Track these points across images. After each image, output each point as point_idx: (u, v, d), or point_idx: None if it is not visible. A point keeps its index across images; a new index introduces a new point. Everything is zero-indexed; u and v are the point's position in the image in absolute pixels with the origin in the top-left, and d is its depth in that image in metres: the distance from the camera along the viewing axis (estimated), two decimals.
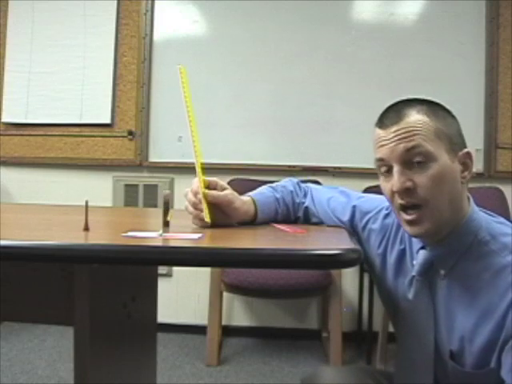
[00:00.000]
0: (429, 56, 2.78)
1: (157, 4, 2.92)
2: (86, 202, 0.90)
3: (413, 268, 0.97)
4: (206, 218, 0.94)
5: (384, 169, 0.92)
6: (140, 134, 2.91)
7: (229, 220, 0.99)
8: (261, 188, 1.12)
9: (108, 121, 2.92)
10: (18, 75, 2.96)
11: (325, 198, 1.13)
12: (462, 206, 0.92)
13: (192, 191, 0.98)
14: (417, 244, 0.98)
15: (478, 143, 2.75)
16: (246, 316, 2.92)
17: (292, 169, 2.83)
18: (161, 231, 0.84)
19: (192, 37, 2.92)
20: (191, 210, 0.97)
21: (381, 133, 0.92)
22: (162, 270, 2.77)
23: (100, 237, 0.89)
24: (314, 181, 2.42)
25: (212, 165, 2.51)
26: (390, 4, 2.84)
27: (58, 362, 2.39)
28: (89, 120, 2.93)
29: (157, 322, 1.33)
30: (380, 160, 0.92)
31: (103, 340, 0.88)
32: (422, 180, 0.88)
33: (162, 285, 1.41)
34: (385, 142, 0.90)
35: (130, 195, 2.95)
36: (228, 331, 2.81)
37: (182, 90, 0.94)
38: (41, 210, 1.35)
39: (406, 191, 0.88)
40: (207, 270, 2.48)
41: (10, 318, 1.01)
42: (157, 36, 2.92)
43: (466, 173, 0.92)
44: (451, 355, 0.91)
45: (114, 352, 0.96)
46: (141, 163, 2.92)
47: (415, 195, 0.88)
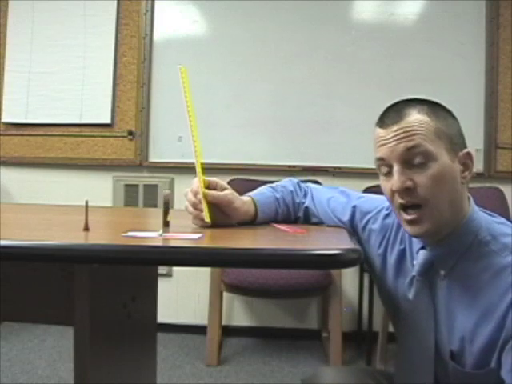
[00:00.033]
0: (429, 56, 2.78)
1: (157, 4, 2.92)
2: (86, 202, 0.90)
3: (413, 268, 0.97)
4: (206, 218, 0.94)
5: (384, 168, 0.92)
6: (140, 134, 2.91)
7: (229, 220, 0.99)
8: (261, 188, 1.12)
9: (108, 121, 2.92)
10: (18, 75, 2.96)
11: (325, 198, 1.13)
12: (462, 206, 0.92)
13: (192, 191, 0.98)
14: (417, 244, 0.98)
15: (478, 143, 2.75)
16: (246, 316, 2.92)
17: (292, 169, 2.83)
18: (161, 231, 0.84)
19: (192, 37, 2.92)
20: (191, 210, 0.97)
21: (381, 132, 0.92)
22: (162, 269, 2.77)
23: (100, 237, 0.89)
24: (314, 181, 2.42)
25: (212, 165, 2.51)
26: (390, 4, 2.84)
27: (58, 361, 2.39)
28: (89, 120, 2.93)
29: (157, 322, 1.33)
30: (380, 159, 0.92)
31: (103, 340, 0.88)
32: (422, 179, 0.88)
33: (162, 285, 1.41)
34: (385, 142, 0.90)
35: (130, 195, 2.95)
36: (228, 331, 2.81)
37: (182, 90, 0.94)
38: (41, 210, 1.35)
39: (406, 191, 0.89)
40: (207, 269, 2.48)
41: (10, 318, 1.01)
42: (157, 36, 2.92)
43: (466, 173, 0.92)
44: (451, 355, 0.91)
45: (114, 352, 0.96)
46: (141, 163, 2.92)
47: (415, 195, 0.88)
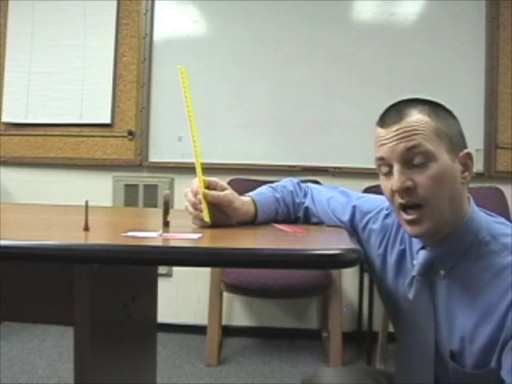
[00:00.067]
0: (429, 56, 2.78)
1: (157, 4, 2.92)
2: (86, 202, 0.90)
3: (413, 268, 0.97)
4: (206, 218, 0.94)
5: (384, 168, 0.92)
6: (140, 134, 2.91)
7: (229, 220, 0.99)
8: (261, 188, 1.12)
9: (108, 121, 2.92)
10: (18, 75, 2.96)
11: (325, 198, 1.13)
12: (462, 206, 0.92)
13: (192, 191, 0.98)
14: (417, 244, 0.98)
15: (478, 143, 2.75)
16: (246, 316, 2.92)
17: (292, 169, 2.82)
18: (161, 231, 0.84)
19: (192, 37, 2.92)
20: (191, 210, 0.97)
21: (382, 132, 0.92)
22: (162, 269, 2.77)
23: (100, 237, 0.89)
24: (314, 181, 2.42)
25: (212, 165, 2.51)
26: (390, 4, 2.84)
27: (58, 362, 2.39)
28: (89, 120, 2.93)
29: (157, 322, 1.33)
30: (380, 159, 0.92)
31: (103, 340, 0.88)
32: (422, 179, 0.88)
33: (162, 285, 1.41)
34: (385, 141, 0.90)
35: (130, 195, 2.95)
36: (228, 331, 2.81)
37: (182, 89, 0.94)
38: (41, 210, 1.35)
39: (406, 190, 0.88)
40: (207, 269, 2.48)
41: (10, 318, 1.01)
42: (157, 36, 2.92)
43: (466, 173, 0.91)
44: (451, 355, 0.91)
45: (114, 352, 0.96)
46: (141, 163, 2.92)
47: (415, 194, 0.88)
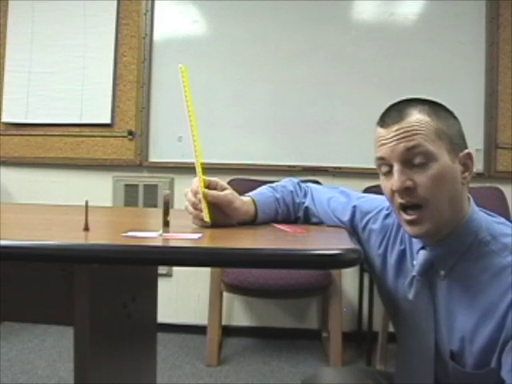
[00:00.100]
0: (429, 56, 2.78)
1: (157, 4, 2.92)
2: (86, 202, 0.90)
3: (413, 268, 0.97)
4: (206, 217, 0.94)
5: (384, 168, 0.92)
6: (140, 134, 2.91)
7: (229, 220, 0.99)
8: (261, 188, 1.12)
9: (108, 121, 2.92)
10: (17, 75, 2.96)
11: (325, 198, 1.13)
12: (462, 206, 0.92)
13: (192, 191, 0.98)
14: (417, 244, 0.98)
15: (478, 143, 2.75)
16: (246, 316, 2.92)
17: (292, 169, 2.82)
18: (161, 231, 0.84)
19: (192, 37, 2.92)
20: (191, 209, 0.97)
21: (382, 132, 0.92)
22: (162, 269, 2.77)
23: (100, 237, 0.89)
24: (314, 181, 2.42)
25: (212, 165, 2.51)
26: (390, 4, 2.84)
27: (58, 361, 2.39)
28: (89, 120, 2.93)
29: (157, 322, 1.33)
30: (380, 159, 0.92)
31: (103, 340, 0.88)
32: (422, 179, 0.87)
33: (162, 285, 1.41)
34: (386, 141, 0.90)
35: (130, 195, 2.95)
36: (228, 331, 2.81)
37: (182, 89, 0.93)
38: (41, 209, 1.35)
39: (406, 190, 0.88)
40: (207, 269, 2.48)
41: (10, 318, 1.01)
42: (157, 36, 2.92)
43: (466, 173, 0.91)
44: (451, 355, 0.91)
45: (114, 352, 0.96)
46: (141, 163, 2.92)
47: (415, 195, 0.88)
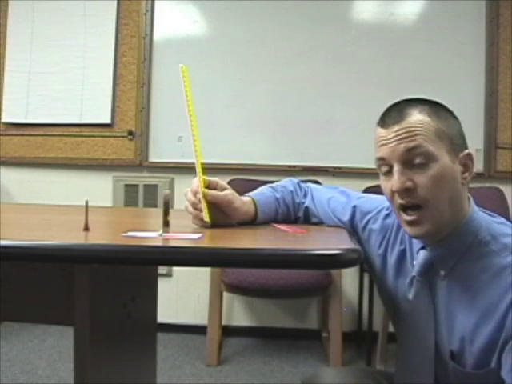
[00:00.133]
0: (429, 56, 2.78)
1: (157, 4, 2.92)
2: (86, 202, 0.90)
3: (413, 268, 0.97)
4: (206, 217, 0.94)
5: (384, 168, 0.92)
6: (140, 134, 2.91)
7: (229, 220, 0.99)
8: (261, 188, 1.12)
9: (108, 121, 2.92)
10: (18, 75, 2.96)
11: (325, 198, 1.13)
12: (462, 206, 0.92)
13: (192, 191, 0.98)
14: (417, 244, 0.98)
15: (478, 143, 2.75)
16: (246, 316, 2.92)
17: (292, 169, 2.82)
18: (161, 231, 0.84)
19: (192, 37, 2.92)
20: (191, 209, 0.97)
21: (382, 132, 0.92)
22: (162, 269, 2.77)
23: (100, 237, 0.89)
24: (314, 181, 2.42)
25: (212, 165, 2.51)
26: (390, 4, 2.84)
27: (58, 362, 2.39)
28: (89, 120, 2.93)
29: (157, 322, 1.33)
30: (381, 159, 0.92)
31: (103, 340, 0.88)
32: (423, 180, 0.87)
33: (162, 285, 1.41)
34: (386, 142, 0.90)
35: (130, 195, 2.95)
36: (228, 331, 2.81)
37: (183, 88, 0.93)
38: (41, 209, 1.35)
39: (406, 191, 0.88)
40: (207, 269, 2.48)
41: (10, 318, 1.00)
42: (157, 36, 2.92)
43: (466, 174, 0.91)
44: (451, 355, 0.91)
45: (114, 352, 0.96)
46: (141, 163, 2.92)
47: (415, 195, 0.88)
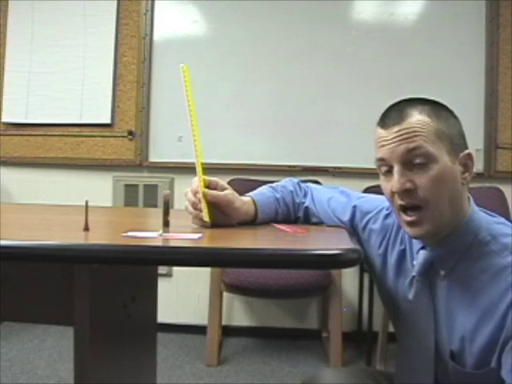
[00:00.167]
0: (429, 56, 2.78)
1: (157, 4, 2.92)
2: (86, 202, 0.90)
3: (413, 268, 0.97)
4: (205, 217, 0.94)
5: (384, 168, 0.92)
6: (140, 134, 2.91)
7: (229, 220, 0.99)
8: (261, 188, 1.12)
9: (108, 121, 2.92)
10: (18, 75, 2.96)
11: (325, 198, 1.13)
12: (462, 206, 0.92)
13: (192, 191, 0.98)
14: (417, 244, 0.98)
15: (478, 143, 2.75)
16: (246, 316, 2.92)
17: (292, 169, 2.82)
18: (161, 231, 0.84)
19: (192, 37, 2.92)
20: (191, 209, 0.97)
21: (382, 133, 0.91)
22: (162, 269, 2.77)
23: (100, 237, 0.89)
24: (314, 181, 2.42)
25: (212, 165, 2.51)
26: (390, 4, 2.84)
27: (58, 362, 2.39)
28: (89, 120, 2.93)
29: (157, 322, 1.33)
30: (381, 160, 0.92)
31: (103, 340, 0.88)
32: (423, 181, 0.87)
33: (162, 285, 1.41)
34: (386, 143, 0.90)
35: (130, 195, 2.95)
36: (228, 331, 2.81)
37: (184, 88, 0.93)
38: (41, 209, 1.35)
39: (406, 192, 0.88)
40: (207, 269, 2.48)
41: (10, 318, 1.01)
42: (157, 36, 2.92)
43: (466, 174, 0.91)
44: (451, 355, 0.91)
45: (114, 352, 0.96)
46: (141, 163, 2.92)
47: (415, 196, 0.88)
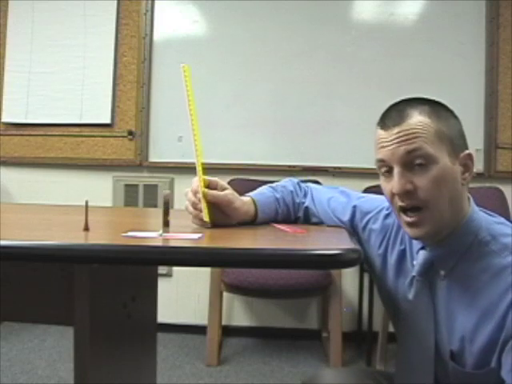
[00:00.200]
0: (429, 56, 2.78)
1: (157, 4, 2.92)
2: (86, 202, 0.90)
3: (413, 268, 0.97)
4: (205, 217, 0.94)
5: (384, 169, 0.92)
6: (140, 134, 2.91)
7: (229, 220, 0.99)
8: (261, 188, 1.12)
9: (108, 121, 2.92)
10: (18, 75, 2.96)
11: (325, 197, 1.13)
12: (462, 206, 0.92)
13: (192, 190, 0.98)
14: (417, 244, 0.98)
15: (478, 143, 2.75)
16: (246, 316, 2.92)
17: (292, 169, 2.82)
18: (161, 231, 0.84)
19: (192, 37, 2.92)
20: (191, 209, 0.97)
21: (382, 134, 0.91)
22: (162, 269, 2.77)
23: (100, 237, 0.89)
24: (314, 181, 2.42)
25: (212, 165, 2.49)
26: (390, 4, 2.84)
27: (58, 362, 2.39)
28: (89, 120, 2.93)
29: (157, 322, 1.33)
30: (381, 161, 0.92)
31: (103, 340, 0.88)
32: (423, 182, 0.87)
33: (162, 285, 1.41)
34: (386, 144, 0.90)
35: (130, 195, 2.95)
36: (228, 331, 2.81)
37: (184, 88, 0.93)
38: (41, 209, 1.35)
39: (407, 194, 0.88)
40: (207, 269, 2.48)
41: (10, 318, 1.01)
42: (157, 36, 2.92)
43: (466, 174, 0.91)
44: (451, 355, 0.91)
45: (114, 352, 0.96)
46: (141, 163, 2.92)
47: (415, 197, 0.88)
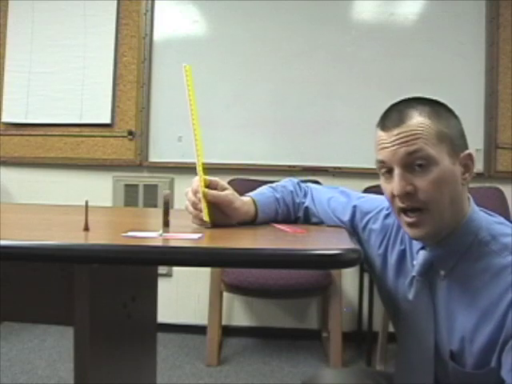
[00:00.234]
0: (429, 56, 2.78)
1: (157, 4, 2.92)
2: (86, 202, 0.90)
3: (413, 268, 0.97)
4: (205, 217, 0.94)
5: (385, 170, 0.92)
6: (140, 134, 2.91)
7: (229, 220, 0.99)
8: (261, 188, 1.12)
9: (108, 121, 2.92)
10: (18, 75, 2.96)
11: (325, 197, 1.13)
12: (462, 207, 0.92)
13: (192, 190, 0.98)
14: (417, 244, 0.98)
15: (478, 143, 2.75)
16: (246, 316, 2.92)
17: (292, 169, 2.82)
18: (161, 231, 0.84)
19: (192, 37, 2.92)
20: (191, 209, 0.97)
21: (382, 135, 0.91)
22: (162, 269, 2.77)
23: (100, 237, 0.89)
24: (314, 181, 2.42)
25: (212, 165, 2.48)
26: (390, 4, 2.84)
27: (58, 362, 2.39)
28: (89, 120, 2.93)
29: (157, 322, 1.33)
30: (381, 162, 0.92)
31: (103, 340, 0.88)
32: (423, 184, 0.87)
33: (162, 285, 1.41)
34: (386, 145, 0.90)
35: (130, 195, 2.95)
36: (228, 331, 2.81)
37: (186, 88, 0.93)
38: (41, 209, 1.35)
39: (407, 195, 0.88)
40: (207, 269, 2.48)
41: (10, 318, 1.01)
42: (157, 36, 2.92)
43: (466, 174, 0.91)
44: (451, 355, 0.91)
45: (114, 352, 0.96)
46: (141, 163, 2.92)
47: (416, 199, 0.88)
